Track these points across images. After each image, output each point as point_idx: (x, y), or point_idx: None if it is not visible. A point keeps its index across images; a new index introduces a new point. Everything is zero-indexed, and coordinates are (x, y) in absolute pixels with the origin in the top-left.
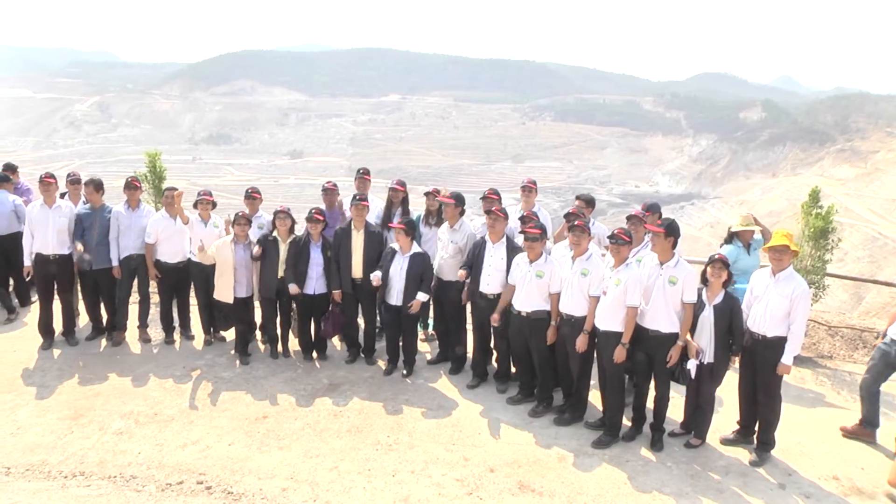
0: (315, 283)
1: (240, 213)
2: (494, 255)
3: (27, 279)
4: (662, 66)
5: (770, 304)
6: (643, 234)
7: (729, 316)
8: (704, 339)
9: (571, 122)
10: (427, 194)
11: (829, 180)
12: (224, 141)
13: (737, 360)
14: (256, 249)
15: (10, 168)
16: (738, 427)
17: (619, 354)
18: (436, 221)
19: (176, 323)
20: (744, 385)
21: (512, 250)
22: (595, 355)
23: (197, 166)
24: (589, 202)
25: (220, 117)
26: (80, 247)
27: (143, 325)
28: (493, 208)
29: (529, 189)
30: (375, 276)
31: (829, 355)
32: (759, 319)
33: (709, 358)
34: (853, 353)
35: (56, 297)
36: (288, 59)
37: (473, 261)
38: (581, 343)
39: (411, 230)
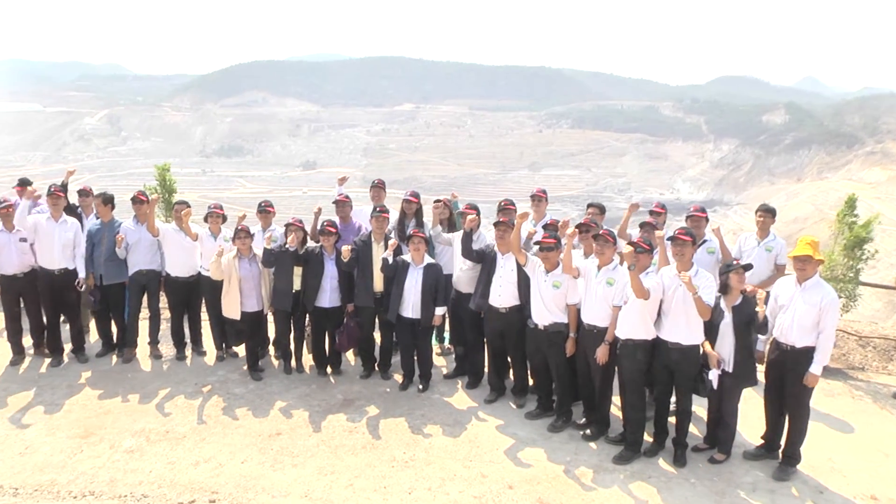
0: (329, 295)
1: (240, 227)
2: (505, 267)
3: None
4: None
5: (797, 314)
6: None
7: (748, 318)
8: (726, 348)
9: (589, 129)
10: (438, 202)
11: (859, 184)
12: (236, 153)
13: (762, 366)
14: (346, 251)
15: (25, 183)
16: (763, 441)
17: (603, 353)
18: (447, 231)
19: (187, 339)
20: (770, 397)
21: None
22: (616, 367)
23: (208, 179)
24: (601, 209)
25: (232, 129)
26: (89, 282)
27: (153, 341)
28: (502, 219)
29: (539, 198)
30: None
31: (860, 367)
32: (787, 329)
33: (731, 367)
34: (887, 364)
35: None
36: (299, 69)
37: (483, 271)
38: (602, 354)
39: (430, 242)
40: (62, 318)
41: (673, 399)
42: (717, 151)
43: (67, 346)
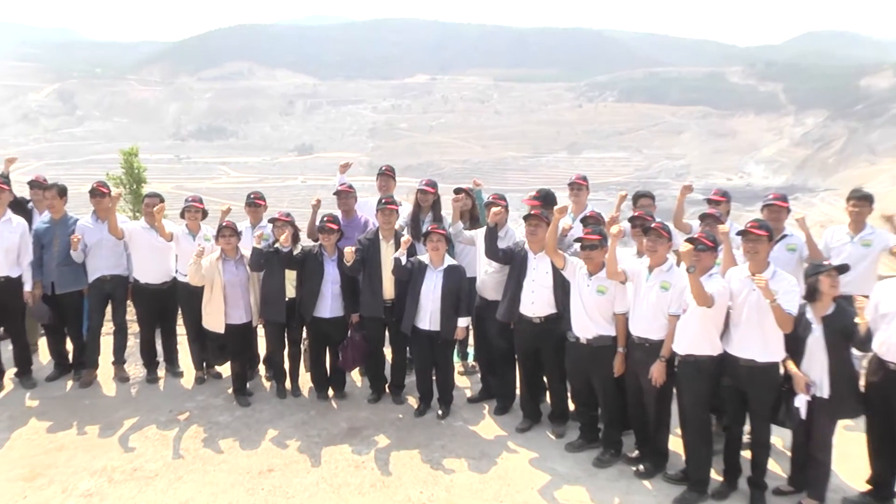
0: (330, 304)
1: (224, 224)
2: (538, 269)
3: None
4: (753, 28)
5: None
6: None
7: (844, 330)
8: (816, 369)
9: (639, 103)
10: (458, 192)
11: None
12: (217, 135)
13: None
14: (349, 252)
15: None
16: (869, 486)
17: (658, 372)
18: (469, 226)
19: (160, 357)
20: (873, 429)
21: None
22: (675, 389)
23: (184, 167)
24: (654, 199)
25: (212, 107)
26: (36, 293)
27: (119, 360)
28: (533, 212)
29: (579, 187)
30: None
31: None
32: (893, 345)
33: (823, 392)
34: None
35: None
36: (292, 36)
37: (512, 274)
38: (658, 373)
39: (450, 240)
40: (3, 335)
41: (747, 429)
42: (800, 126)
43: (11, 370)
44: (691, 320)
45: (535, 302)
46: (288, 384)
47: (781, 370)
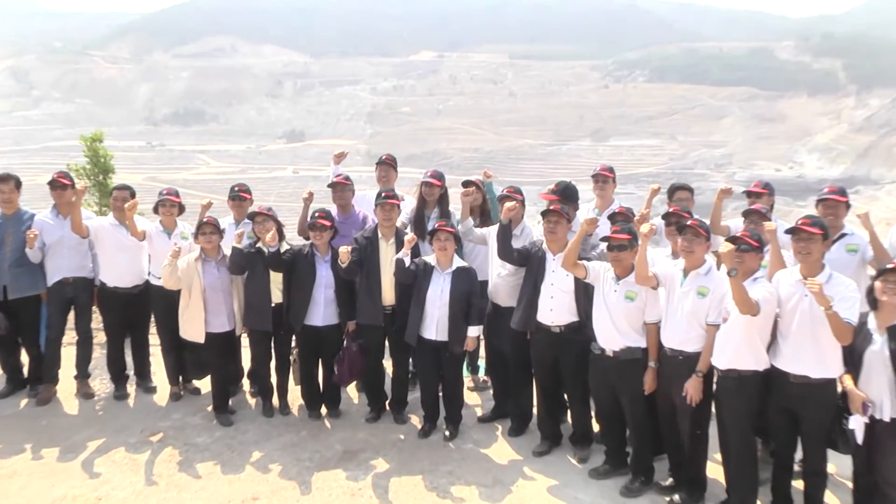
0: (323, 311)
1: (204, 220)
2: (558, 271)
3: None
4: None
5: None
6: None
7: None
8: (875, 386)
9: (674, 83)
10: (467, 184)
11: None
12: (195, 120)
13: None
14: (345, 252)
15: None
16: None
17: (695, 389)
18: (480, 223)
19: (130, 370)
20: None
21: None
22: (714, 409)
23: (158, 155)
24: (692, 192)
25: (190, 88)
26: None
27: (82, 374)
28: (553, 207)
29: (605, 179)
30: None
31: None
32: None
33: (884, 414)
34: None
35: None
36: (281, 7)
37: (529, 277)
38: (694, 390)
39: (459, 239)
40: None
41: (799, 456)
42: (862, 108)
43: None
44: (733, 330)
45: (555, 309)
46: (275, 401)
47: (839, 388)
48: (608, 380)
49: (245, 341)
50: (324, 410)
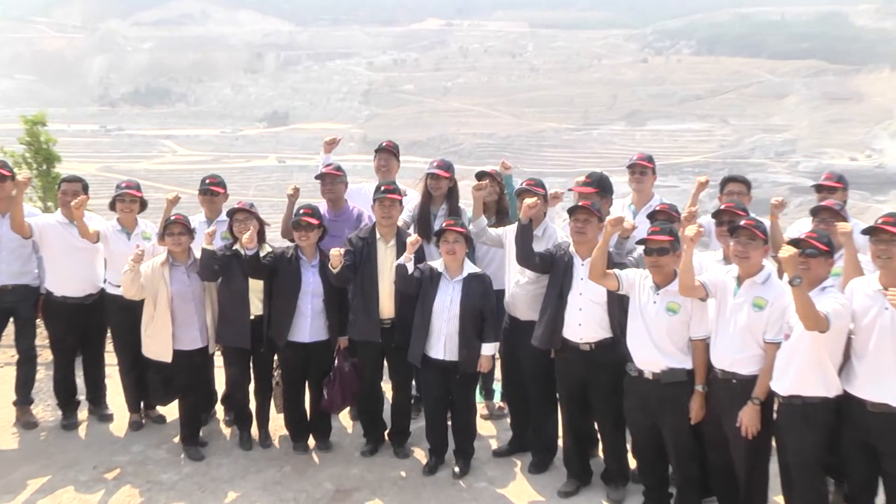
0: (311, 325)
1: (172, 217)
2: (587, 279)
3: None
4: None
5: None
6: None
7: None
8: None
9: (726, 56)
10: (481, 176)
11: None
12: (160, 99)
13: None
14: (336, 255)
15: None
16: None
17: (751, 418)
18: (495, 222)
19: (82, 395)
20: None
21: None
22: (775, 442)
23: (115, 141)
24: (748, 185)
25: (153, 62)
26: None
27: (23, 399)
28: (582, 203)
29: (643, 170)
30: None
31: None
32: None
33: None
34: None
35: None
36: None
37: (553, 286)
38: (750, 419)
39: (470, 240)
40: None
41: (881, 500)
42: None
43: None
44: (797, 349)
45: (584, 323)
46: (255, 431)
47: None
48: (647, 407)
49: (219, 360)
50: (311, 442)
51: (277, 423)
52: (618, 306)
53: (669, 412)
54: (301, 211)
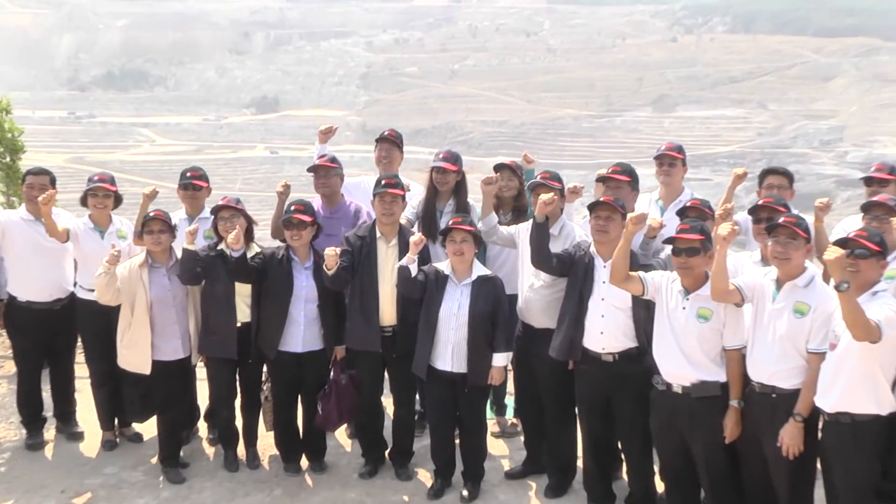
0: (303, 333)
1: (150, 214)
2: (609, 283)
3: None
4: None
5: None
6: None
7: None
8: None
9: (763, 34)
10: (500, 168)
11: None
12: (135, 83)
13: None
14: (331, 255)
15: None
16: None
17: (792, 437)
18: (511, 219)
19: (49, 411)
20: None
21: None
22: (820, 465)
23: (86, 129)
24: (790, 179)
25: (128, 41)
26: None
27: None
28: (604, 198)
29: (672, 161)
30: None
31: None
32: None
33: None
34: None
35: None
36: None
37: (572, 290)
38: (792, 438)
39: (480, 239)
40: None
41: None
42: None
43: None
44: (844, 361)
45: (607, 331)
46: (241, 451)
47: None
48: (676, 425)
49: (202, 372)
50: (304, 463)
51: (267, 442)
52: (644, 312)
53: (701, 430)
54: (292, 207)
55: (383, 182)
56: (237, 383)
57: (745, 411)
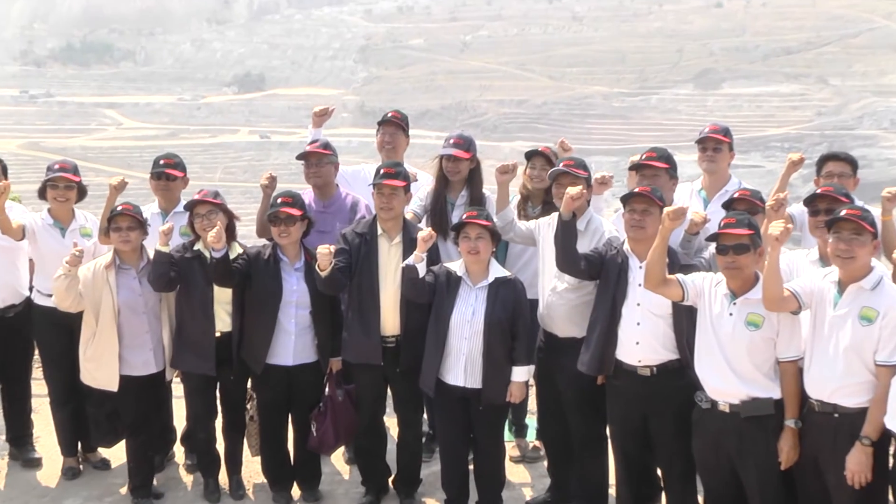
0: (294, 344)
1: (119, 209)
2: (643, 285)
3: None
4: None
5: None
6: None
7: None
8: None
9: None
10: (531, 156)
11: None
12: (99, 57)
13: None
14: (324, 253)
15: None
16: None
17: (859, 463)
18: (540, 213)
19: (2, 434)
20: None
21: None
22: (892, 495)
23: (42, 110)
24: (853, 165)
25: (90, 9)
26: None
27: None
28: (638, 188)
29: (717, 145)
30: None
31: None
32: None
33: None
34: None
35: None
36: None
37: (603, 295)
38: (858, 463)
39: (498, 236)
40: None
41: None
42: None
43: None
44: None
45: (643, 341)
46: (224, 478)
47: None
48: (723, 448)
49: (179, 389)
50: (296, 492)
51: (252, 469)
52: (687, 319)
53: (752, 455)
54: (279, 200)
55: (382, 171)
56: (217, 402)
57: (803, 433)
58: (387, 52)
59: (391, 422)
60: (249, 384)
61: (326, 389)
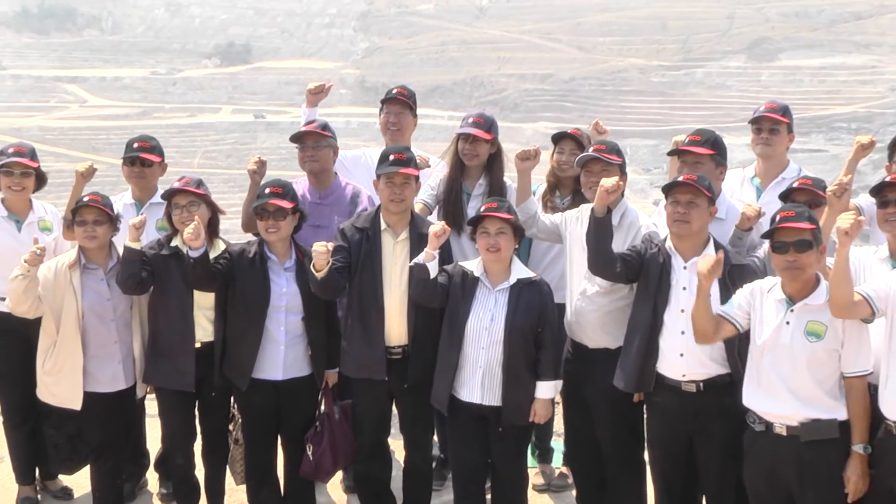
0: (284, 354)
1: (86, 199)
2: (690, 289)
3: None
4: None
5: None
6: None
7: None
8: None
9: None
10: (560, 139)
11: None
12: (60, 24)
13: None
14: (321, 252)
15: None
16: None
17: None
18: (570, 204)
19: None
20: None
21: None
22: None
23: None
24: None
25: None
26: None
27: None
28: (683, 177)
29: (774, 127)
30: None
31: None
32: None
33: None
34: None
35: None
36: None
37: (643, 300)
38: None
39: (521, 231)
40: None
41: None
42: None
43: None
44: None
45: (688, 353)
46: None
47: None
48: (780, 477)
49: (153, 407)
50: None
51: (236, 498)
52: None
53: (813, 484)
54: (267, 190)
55: (391, 157)
56: (196, 422)
57: (877, 460)
58: (391, 20)
59: (397, 444)
60: (233, 402)
61: (322, 407)
